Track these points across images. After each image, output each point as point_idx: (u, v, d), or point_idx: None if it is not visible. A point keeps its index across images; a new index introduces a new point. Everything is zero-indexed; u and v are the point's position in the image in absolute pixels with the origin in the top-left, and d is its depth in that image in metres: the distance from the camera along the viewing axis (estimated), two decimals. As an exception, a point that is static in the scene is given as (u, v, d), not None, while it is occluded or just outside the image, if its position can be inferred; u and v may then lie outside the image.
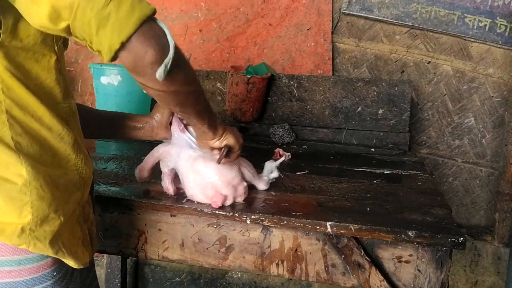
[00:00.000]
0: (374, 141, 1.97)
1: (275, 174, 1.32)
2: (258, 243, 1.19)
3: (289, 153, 1.67)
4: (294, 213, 1.14)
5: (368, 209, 1.20)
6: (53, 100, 0.88)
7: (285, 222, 1.12)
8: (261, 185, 1.28)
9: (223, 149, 1.13)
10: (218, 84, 2.09)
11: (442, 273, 1.11)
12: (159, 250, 1.24)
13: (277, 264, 1.19)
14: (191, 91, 0.92)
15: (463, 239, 1.05)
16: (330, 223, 1.10)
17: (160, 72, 0.78)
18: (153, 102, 2.12)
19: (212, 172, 1.15)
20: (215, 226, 1.20)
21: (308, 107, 2.03)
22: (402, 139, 1.96)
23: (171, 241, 1.23)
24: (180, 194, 1.22)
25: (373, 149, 1.91)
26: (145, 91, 0.86)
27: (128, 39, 0.73)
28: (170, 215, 1.21)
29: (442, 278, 1.11)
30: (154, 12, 0.77)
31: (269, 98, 2.05)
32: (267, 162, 1.34)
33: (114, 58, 0.76)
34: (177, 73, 0.82)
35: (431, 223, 1.12)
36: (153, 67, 0.77)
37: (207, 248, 1.21)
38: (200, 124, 1.06)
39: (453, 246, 1.06)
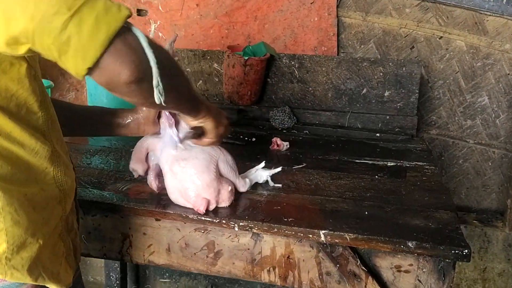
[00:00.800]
0: (380, 125, 1.86)
1: (266, 179, 1.24)
2: (248, 249, 1.12)
3: (287, 143, 1.58)
4: (285, 219, 1.06)
5: (366, 212, 1.11)
6: (27, 111, 0.78)
7: (275, 230, 1.04)
8: (240, 187, 1.18)
9: (192, 131, 1.05)
10: (215, 65, 1.98)
11: (444, 285, 1.03)
12: (145, 254, 1.17)
13: (269, 271, 1.12)
14: (178, 91, 0.86)
15: (467, 251, 0.97)
16: (323, 231, 1.02)
17: (157, 97, 0.72)
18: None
19: (189, 174, 1.07)
20: (203, 231, 1.12)
21: (310, 89, 1.92)
22: (410, 122, 1.84)
23: (157, 246, 1.16)
24: (165, 194, 1.15)
25: (378, 134, 1.80)
26: None
27: (96, 63, 0.65)
28: (154, 219, 1.14)
29: (445, 289, 1.03)
30: (127, 18, 0.67)
31: (269, 80, 1.94)
32: (260, 169, 1.24)
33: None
34: (169, 86, 0.75)
35: (434, 231, 1.03)
36: (130, 86, 0.69)
37: (195, 253, 1.14)
38: (180, 111, 1.00)
39: (457, 258, 0.98)
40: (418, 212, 1.12)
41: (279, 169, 1.25)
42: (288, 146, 1.58)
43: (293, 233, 1.03)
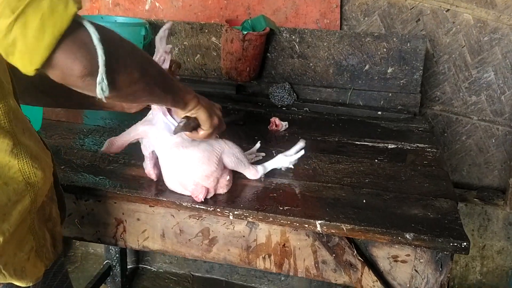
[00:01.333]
0: (382, 102, 1.82)
1: (288, 166, 1.20)
2: (244, 236, 1.10)
3: (286, 123, 1.54)
4: (281, 208, 1.04)
5: (364, 201, 1.09)
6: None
7: (270, 219, 1.02)
8: (251, 176, 1.16)
9: (183, 120, 1.01)
10: (213, 39, 1.91)
11: (441, 275, 1.02)
12: (139, 239, 1.16)
13: (264, 258, 1.11)
14: (145, 83, 0.81)
15: (466, 244, 0.95)
16: (320, 221, 1.00)
17: (99, 92, 0.68)
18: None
19: (190, 164, 1.04)
20: (197, 218, 1.10)
21: (311, 64, 1.86)
22: (412, 100, 1.80)
23: (151, 231, 1.15)
24: (161, 179, 1.13)
25: (379, 112, 1.76)
26: None
27: (44, 63, 0.63)
28: (148, 206, 1.12)
29: (442, 280, 1.02)
30: (75, 15, 0.64)
31: (269, 54, 1.88)
32: (281, 155, 1.20)
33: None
34: (121, 77, 0.72)
35: (432, 221, 1.01)
36: (85, 79, 0.67)
37: (190, 239, 1.13)
38: (163, 103, 0.98)
39: (455, 251, 0.96)
40: (417, 201, 1.10)
41: (302, 152, 1.20)
42: (287, 126, 1.54)
43: (288, 222, 1.01)
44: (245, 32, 1.68)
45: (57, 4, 0.63)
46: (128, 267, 2.42)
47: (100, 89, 0.69)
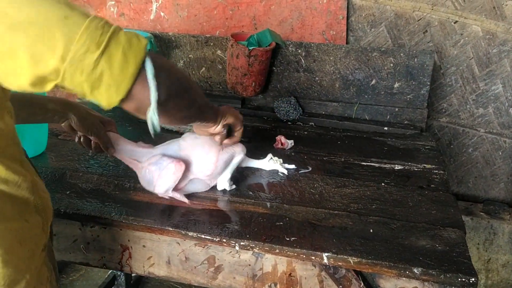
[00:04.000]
0: (388, 117, 1.80)
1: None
2: (249, 265, 1.09)
3: (291, 141, 1.53)
4: (287, 239, 1.03)
5: (371, 230, 1.08)
6: (6, 145, 0.76)
7: (277, 251, 1.02)
8: (219, 184, 1.22)
9: (223, 129, 1.09)
10: (219, 52, 1.90)
11: (449, 308, 1.01)
12: (145, 266, 1.16)
13: (270, 287, 1.10)
14: (193, 107, 0.90)
15: (474, 280, 0.94)
16: (326, 254, 0.99)
17: (150, 126, 0.76)
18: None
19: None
20: (203, 246, 1.10)
21: (317, 78, 1.85)
22: (419, 115, 1.78)
23: (157, 258, 1.14)
24: (164, 204, 1.13)
25: (386, 128, 1.74)
26: None
27: (128, 93, 0.69)
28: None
29: (449, 312, 1.01)
30: (147, 46, 0.70)
31: (274, 68, 1.87)
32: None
33: None
34: (173, 105, 0.80)
35: (440, 254, 1.00)
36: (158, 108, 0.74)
37: (195, 267, 1.13)
38: (200, 121, 1.04)
39: (463, 286, 0.95)
40: (425, 230, 1.09)
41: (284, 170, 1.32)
42: (293, 144, 1.53)
43: (295, 254, 1.01)
44: (251, 48, 1.67)
45: (131, 37, 0.69)
46: (133, 275, 2.43)
47: (151, 123, 0.75)
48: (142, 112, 0.75)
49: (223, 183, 1.21)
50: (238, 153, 1.20)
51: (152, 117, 0.75)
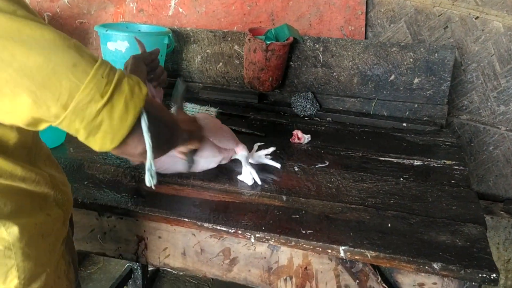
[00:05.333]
0: (407, 113, 1.77)
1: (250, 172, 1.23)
2: (265, 258, 1.09)
3: (308, 136, 1.51)
4: (304, 232, 1.02)
5: (389, 225, 1.06)
6: (21, 148, 0.77)
7: (293, 243, 1.01)
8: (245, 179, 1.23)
9: (187, 153, 1.05)
10: (236, 47, 1.90)
11: (469, 305, 0.98)
12: (160, 257, 1.16)
13: (285, 280, 1.09)
14: (173, 144, 0.88)
15: (495, 276, 0.91)
16: (343, 247, 0.97)
17: (148, 181, 0.77)
18: (166, 70, 1.96)
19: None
20: (218, 238, 1.10)
21: (335, 74, 1.83)
22: (439, 112, 1.75)
23: (172, 249, 1.14)
24: (183, 196, 1.13)
25: (405, 124, 1.72)
26: None
27: (121, 142, 0.68)
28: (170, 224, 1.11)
29: (469, 309, 0.99)
30: (147, 95, 0.70)
31: (292, 63, 1.86)
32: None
33: None
34: (161, 149, 0.80)
35: (461, 249, 0.98)
36: (142, 155, 0.73)
37: (210, 258, 1.12)
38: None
39: (484, 282, 0.92)
40: (445, 225, 1.06)
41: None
42: (310, 139, 1.52)
43: (311, 247, 1.00)
44: (268, 42, 1.66)
45: (133, 85, 0.68)
46: (149, 269, 2.44)
47: (149, 175, 0.75)
48: (127, 156, 0.75)
49: (247, 178, 1.22)
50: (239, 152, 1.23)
51: (150, 170, 0.76)
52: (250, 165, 1.23)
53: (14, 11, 0.61)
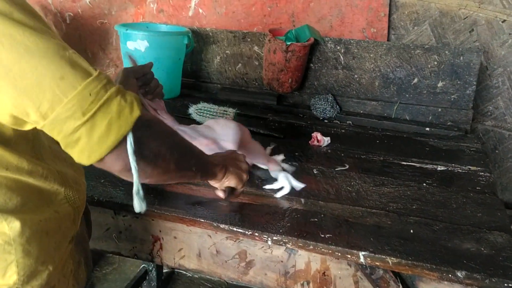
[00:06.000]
0: (430, 117, 1.73)
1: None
2: (282, 261, 1.06)
3: (328, 138, 1.48)
4: (322, 235, 0.99)
5: (411, 231, 1.02)
6: (26, 141, 0.76)
7: (311, 247, 0.98)
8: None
9: (225, 190, 1.05)
10: (255, 48, 1.88)
11: (494, 316, 0.94)
12: (175, 258, 1.14)
13: (302, 285, 1.06)
14: (179, 172, 0.81)
15: (524, 287, 0.87)
16: (363, 253, 0.94)
17: (138, 206, 0.73)
18: (185, 71, 1.96)
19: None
20: (234, 240, 1.07)
21: (356, 76, 1.79)
22: (464, 117, 1.70)
23: (188, 250, 1.12)
24: (199, 196, 1.11)
25: (427, 128, 1.67)
26: None
27: (99, 160, 0.66)
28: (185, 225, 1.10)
29: (494, 321, 0.94)
30: (138, 118, 0.67)
31: (312, 65, 1.83)
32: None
33: None
34: (155, 171, 0.74)
35: (486, 257, 0.94)
36: (122, 173, 0.70)
37: (226, 261, 1.10)
38: (193, 180, 1.07)
39: (511, 292, 0.88)
40: (469, 233, 1.02)
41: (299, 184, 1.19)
42: (329, 142, 1.49)
43: (330, 251, 0.96)
44: (289, 43, 1.64)
45: (125, 106, 0.65)
46: (164, 271, 2.43)
47: (139, 200, 0.72)
48: (106, 170, 0.71)
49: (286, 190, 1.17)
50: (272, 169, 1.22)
51: (138, 195, 0.73)
52: (287, 176, 1.18)
53: (11, 12, 0.59)
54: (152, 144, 0.71)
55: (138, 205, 0.73)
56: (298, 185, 1.17)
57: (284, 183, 1.16)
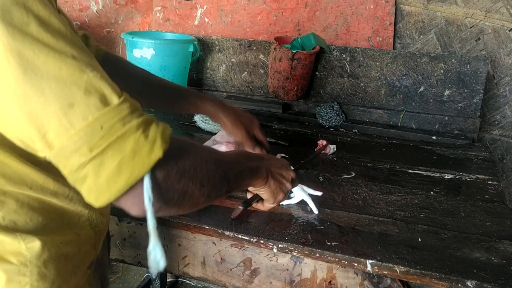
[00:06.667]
0: (437, 126, 1.71)
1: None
2: (287, 270, 1.04)
3: (334, 146, 1.47)
4: (329, 243, 0.97)
5: (419, 239, 1.00)
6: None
7: (317, 255, 0.96)
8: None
9: (253, 196, 1.02)
10: (261, 56, 1.88)
11: (505, 327, 0.92)
12: (179, 265, 1.13)
13: (308, 294, 1.05)
14: (207, 200, 0.71)
15: (536, 297, 0.85)
16: (370, 261, 0.92)
17: (154, 266, 0.61)
18: (190, 79, 1.96)
19: None
20: (239, 247, 1.06)
21: (362, 84, 1.79)
22: (471, 125, 1.69)
23: (192, 258, 1.11)
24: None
25: (434, 137, 1.66)
26: None
27: (109, 203, 0.59)
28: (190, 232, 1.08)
29: (505, 332, 0.92)
30: (158, 160, 0.58)
31: (317, 73, 1.82)
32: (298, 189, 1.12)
33: None
34: (180, 211, 0.68)
35: (496, 267, 0.92)
36: (140, 216, 0.62)
37: (231, 269, 1.08)
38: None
39: (523, 303, 0.86)
40: (479, 242, 1.00)
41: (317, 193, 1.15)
42: (335, 150, 1.47)
43: (336, 260, 0.95)
44: (294, 51, 1.63)
45: (143, 146, 0.57)
46: (168, 280, 2.41)
47: (154, 259, 0.61)
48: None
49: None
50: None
51: (155, 252, 0.61)
52: (302, 187, 1.12)
53: (27, 24, 0.52)
54: (177, 186, 0.63)
55: (155, 263, 0.61)
56: (316, 193, 1.14)
57: (301, 195, 1.11)
